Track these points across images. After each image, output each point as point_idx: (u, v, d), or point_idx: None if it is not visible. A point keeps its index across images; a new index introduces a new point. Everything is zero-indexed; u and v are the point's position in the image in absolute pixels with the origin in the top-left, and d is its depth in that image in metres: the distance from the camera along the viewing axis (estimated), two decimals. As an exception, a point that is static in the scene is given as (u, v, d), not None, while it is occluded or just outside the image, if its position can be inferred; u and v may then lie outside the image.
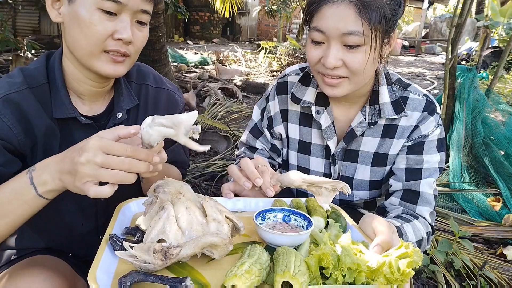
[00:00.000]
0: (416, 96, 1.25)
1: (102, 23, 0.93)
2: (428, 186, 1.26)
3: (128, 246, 0.72)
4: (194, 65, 8.88)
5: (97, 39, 0.94)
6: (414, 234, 1.20)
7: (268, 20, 14.61)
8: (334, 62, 1.08)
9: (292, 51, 8.25)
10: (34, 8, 6.54)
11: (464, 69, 3.62)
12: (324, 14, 1.07)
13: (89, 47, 0.95)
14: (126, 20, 0.95)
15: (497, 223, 2.67)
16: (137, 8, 0.96)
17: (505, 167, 3.18)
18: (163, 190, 0.84)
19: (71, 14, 0.95)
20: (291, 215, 0.98)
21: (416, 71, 10.37)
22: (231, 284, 0.66)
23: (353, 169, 1.33)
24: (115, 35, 0.94)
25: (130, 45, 0.98)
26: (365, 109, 1.26)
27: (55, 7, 0.99)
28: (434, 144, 1.26)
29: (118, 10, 0.93)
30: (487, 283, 1.96)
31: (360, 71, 1.10)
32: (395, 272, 0.70)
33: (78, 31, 0.94)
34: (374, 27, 1.05)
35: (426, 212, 1.26)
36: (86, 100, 1.09)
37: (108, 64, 0.98)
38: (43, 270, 0.94)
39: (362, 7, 1.03)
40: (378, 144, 1.28)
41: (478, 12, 10.18)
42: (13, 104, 0.97)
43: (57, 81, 1.03)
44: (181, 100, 1.30)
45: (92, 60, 0.97)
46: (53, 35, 10.14)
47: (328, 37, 1.07)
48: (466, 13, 3.24)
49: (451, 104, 3.57)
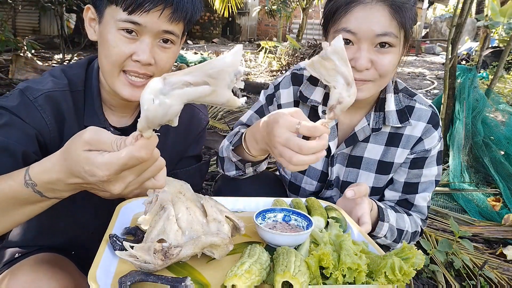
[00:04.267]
0: (422, 107, 1.26)
1: (122, 44, 0.94)
2: (422, 199, 1.30)
3: (128, 246, 0.72)
4: (194, 65, 8.87)
5: (115, 60, 0.95)
6: (396, 222, 1.24)
7: (268, 20, 14.60)
8: (366, 64, 1.07)
9: (292, 51, 8.24)
10: (34, 8, 6.53)
11: (464, 69, 3.62)
12: (355, 16, 1.06)
13: (109, 67, 0.97)
14: (146, 41, 0.95)
15: (497, 223, 2.67)
16: (158, 29, 0.95)
17: (505, 167, 3.18)
18: (163, 190, 0.84)
19: (100, 34, 0.98)
20: (291, 215, 0.98)
21: (416, 71, 10.36)
22: (231, 284, 0.66)
23: (355, 175, 1.32)
24: (133, 56, 0.96)
25: (151, 66, 0.98)
26: (370, 115, 1.26)
27: (91, 25, 1.02)
28: (434, 158, 1.28)
29: (138, 31, 0.94)
30: (487, 283, 1.96)
31: (388, 73, 1.11)
32: (396, 273, 0.70)
33: (102, 51, 0.97)
34: (405, 29, 1.07)
35: (417, 218, 1.31)
36: (116, 112, 1.11)
37: (126, 87, 0.99)
38: (49, 268, 0.94)
39: (396, 9, 1.04)
40: (382, 152, 1.28)
41: (478, 12, 10.18)
42: (54, 102, 1.00)
43: (93, 90, 1.06)
44: (205, 119, 1.30)
45: (112, 79, 0.99)
46: (53, 35, 10.13)
47: (360, 38, 1.07)
48: (466, 13, 3.24)
49: (451, 104, 3.56)
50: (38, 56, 7.50)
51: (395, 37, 1.06)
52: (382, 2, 1.04)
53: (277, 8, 10.10)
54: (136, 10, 0.91)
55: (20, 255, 1.08)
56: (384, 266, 0.72)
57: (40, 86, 1.00)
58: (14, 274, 0.96)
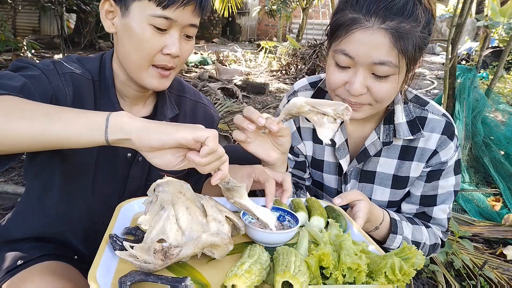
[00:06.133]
0: (435, 117, 1.19)
1: (153, 38, 0.96)
2: (441, 212, 1.26)
3: (128, 246, 0.72)
4: (194, 65, 8.87)
5: (147, 54, 0.97)
6: (412, 234, 1.21)
7: (268, 20, 14.59)
8: (360, 90, 1.03)
9: (292, 51, 8.24)
10: (34, 8, 6.55)
11: (464, 69, 3.62)
12: (355, 39, 1.00)
13: (139, 61, 0.99)
14: (175, 35, 0.98)
15: (497, 223, 2.67)
16: (187, 23, 0.98)
17: (505, 167, 3.18)
18: (163, 190, 0.84)
19: (124, 27, 0.98)
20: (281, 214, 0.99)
21: (416, 71, 10.35)
22: (231, 284, 0.66)
23: (369, 189, 1.29)
24: (164, 50, 0.98)
25: (177, 59, 1.02)
26: (379, 128, 1.21)
27: (108, 17, 1.02)
28: (451, 169, 1.23)
29: (168, 26, 0.96)
30: (487, 283, 1.96)
31: (385, 100, 1.07)
32: (397, 273, 0.70)
33: (130, 45, 0.98)
34: (407, 57, 1.00)
35: (437, 230, 1.28)
36: (128, 102, 1.14)
37: (155, 79, 1.02)
38: (55, 279, 0.95)
39: (398, 37, 0.97)
40: (396, 166, 1.24)
41: (478, 12, 10.17)
42: (78, 83, 1.03)
43: (107, 80, 1.08)
44: (216, 115, 1.33)
45: (141, 73, 1.01)
46: (53, 35, 10.14)
47: (357, 63, 1.01)
48: (466, 13, 3.24)
49: (451, 104, 3.56)
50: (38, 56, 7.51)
51: (394, 67, 0.99)
52: (384, 29, 0.96)
53: (277, 8, 10.09)
54: (171, 5, 0.93)
55: (22, 262, 1.06)
56: (384, 266, 0.72)
57: (68, 65, 1.04)
58: (20, 283, 0.96)
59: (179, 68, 1.08)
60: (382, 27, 0.97)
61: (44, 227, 1.13)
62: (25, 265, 1.04)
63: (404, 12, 0.97)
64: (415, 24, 0.98)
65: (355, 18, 1.00)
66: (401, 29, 0.97)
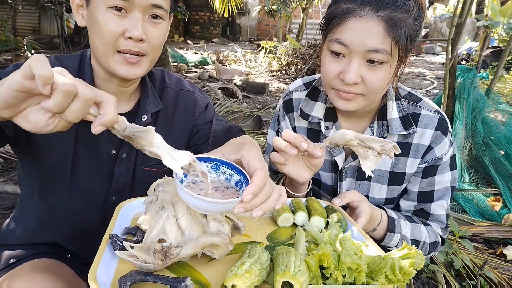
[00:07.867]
0: (428, 113, 1.21)
1: (113, 22, 0.93)
2: (439, 208, 1.26)
3: (128, 246, 0.72)
4: (194, 65, 8.88)
5: (109, 39, 0.94)
6: (411, 232, 1.21)
7: (268, 20, 14.60)
8: (355, 79, 1.04)
9: (292, 51, 8.24)
10: (34, 8, 6.54)
11: (464, 69, 3.62)
12: (350, 27, 1.02)
13: (102, 47, 0.96)
14: (136, 17, 0.94)
15: (497, 223, 2.67)
16: (147, 3, 0.94)
17: (505, 167, 3.18)
18: (163, 190, 0.84)
19: (89, 17, 0.97)
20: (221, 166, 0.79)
21: (416, 71, 10.36)
22: (231, 284, 0.66)
23: (366, 187, 1.30)
24: (125, 33, 0.94)
25: (144, 43, 0.97)
26: (373, 124, 1.23)
27: (79, 12, 1.01)
28: (447, 164, 1.24)
29: (127, 6, 0.93)
30: (487, 283, 1.96)
31: (378, 90, 1.08)
32: (397, 273, 0.70)
33: (94, 33, 0.96)
34: (400, 46, 1.02)
35: (437, 227, 1.28)
36: None
37: (122, 65, 0.98)
38: (45, 276, 0.94)
39: (392, 25, 1.00)
40: (392, 163, 1.25)
41: (478, 12, 10.17)
42: None
43: (86, 78, 1.05)
44: (201, 100, 1.28)
45: (108, 60, 0.98)
46: (53, 35, 10.14)
47: (351, 51, 1.03)
48: (466, 13, 3.24)
49: (451, 104, 3.56)
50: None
51: (387, 54, 1.02)
52: (378, 17, 1.00)
53: (277, 8, 10.09)
54: None
55: (15, 261, 1.06)
56: (384, 266, 0.72)
57: None
58: (11, 281, 0.95)
59: (153, 55, 1.03)
60: (376, 15, 1.00)
61: (32, 234, 1.13)
62: (17, 263, 1.05)
63: (396, 3, 1.01)
64: (407, 15, 1.02)
65: (349, 8, 1.03)
66: (394, 18, 1.00)
